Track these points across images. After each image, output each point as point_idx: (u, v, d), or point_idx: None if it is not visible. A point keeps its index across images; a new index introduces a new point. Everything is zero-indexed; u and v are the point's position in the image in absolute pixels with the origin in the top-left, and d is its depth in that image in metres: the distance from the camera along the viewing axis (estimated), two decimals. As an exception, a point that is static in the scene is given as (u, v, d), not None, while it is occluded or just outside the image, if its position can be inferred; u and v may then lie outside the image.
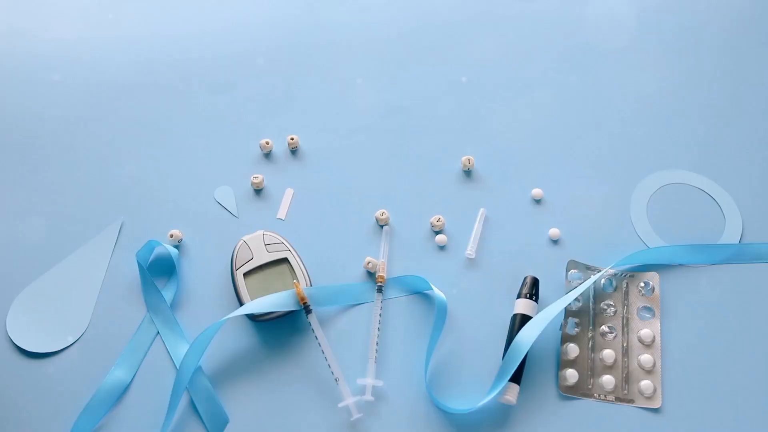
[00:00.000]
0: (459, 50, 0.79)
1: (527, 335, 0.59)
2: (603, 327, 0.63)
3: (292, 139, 0.72)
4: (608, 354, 0.61)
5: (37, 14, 0.82)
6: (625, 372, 0.61)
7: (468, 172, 0.71)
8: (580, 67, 0.77)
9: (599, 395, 0.60)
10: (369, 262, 0.65)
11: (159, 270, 0.65)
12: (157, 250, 0.66)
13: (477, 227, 0.67)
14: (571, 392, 0.60)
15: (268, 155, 0.72)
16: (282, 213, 0.69)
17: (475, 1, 0.82)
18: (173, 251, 0.65)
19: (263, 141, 0.71)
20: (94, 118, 0.74)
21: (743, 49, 0.79)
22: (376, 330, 0.62)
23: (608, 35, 0.79)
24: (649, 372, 0.61)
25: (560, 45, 0.79)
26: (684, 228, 0.68)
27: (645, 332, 0.62)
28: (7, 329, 0.63)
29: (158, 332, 0.62)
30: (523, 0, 0.82)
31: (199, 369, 0.60)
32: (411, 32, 0.80)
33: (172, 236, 0.66)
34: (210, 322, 0.61)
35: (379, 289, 0.64)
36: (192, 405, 0.59)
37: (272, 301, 0.61)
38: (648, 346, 0.62)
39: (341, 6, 0.82)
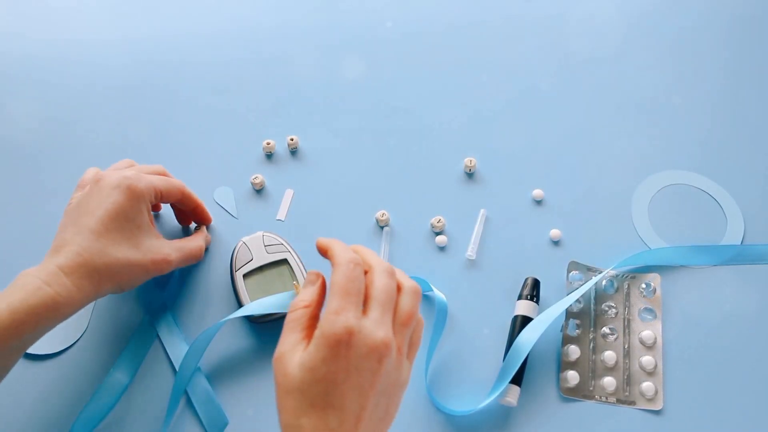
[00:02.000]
0: (461, 51, 0.78)
1: (528, 337, 0.59)
2: (604, 328, 0.62)
3: (292, 139, 0.72)
4: (609, 355, 0.61)
5: (37, 15, 0.82)
6: (627, 374, 0.61)
7: (470, 174, 0.70)
8: (581, 68, 0.77)
9: (600, 397, 0.60)
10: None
11: (158, 271, 0.65)
12: (157, 251, 0.66)
13: (477, 228, 0.67)
14: (572, 394, 0.60)
15: (270, 156, 0.72)
16: (282, 214, 0.68)
17: (477, 2, 0.82)
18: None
19: (265, 142, 0.71)
20: (93, 119, 0.74)
21: (746, 49, 0.78)
22: (376, 331, 0.62)
23: (609, 36, 0.79)
24: (650, 374, 0.61)
25: (561, 46, 0.79)
26: (685, 229, 0.67)
27: (646, 334, 0.62)
28: (7, 330, 0.63)
29: (157, 334, 0.62)
30: (525, 1, 0.82)
31: (198, 371, 0.60)
32: (412, 34, 0.80)
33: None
34: (209, 324, 0.61)
35: (380, 291, 0.63)
36: (191, 407, 0.59)
37: (272, 302, 0.60)
38: (649, 347, 0.62)
39: (342, 7, 0.82)
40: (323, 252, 0.52)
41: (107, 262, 0.53)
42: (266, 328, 0.63)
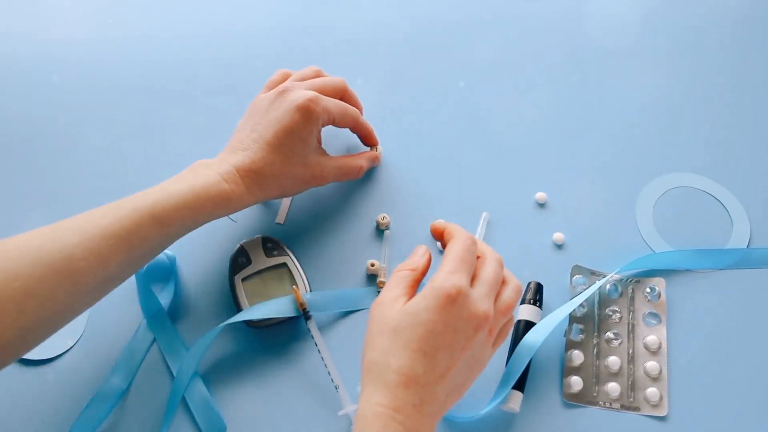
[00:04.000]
0: (461, 52, 0.78)
1: (531, 342, 0.58)
2: (608, 333, 0.62)
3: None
4: (613, 361, 0.60)
5: (37, 15, 0.82)
6: (631, 379, 0.60)
7: (471, 176, 0.70)
8: (584, 69, 0.77)
9: (604, 403, 0.59)
10: (373, 264, 0.64)
11: (156, 275, 0.64)
12: (155, 255, 0.65)
13: (480, 231, 0.66)
14: (576, 400, 0.59)
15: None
16: (281, 217, 0.68)
17: (477, 1, 0.81)
18: (170, 256, 0.64)
19: None
20: (92, 120, 0.74)
21: (750, 50, 0.78)
22: (377, 336, 0.61)
23: (612, 36, 0.79)
24: (655, 379, 0.60)
25: (564, 46, 0.78)
26: (690, 232, 0.67)
27: (651, 339, 0.61)
28: (2, 335, 0.62)
29: (155, 339, 0.61)
30: (526, 0, 0.81)
31: (196, 376, 0.59)
32: (412, 34, 0.79)
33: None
34: (207, 329, 0.60)
35: (380, 295, 0.63)
36: (189, 413, 0.59)
37: (271, 307, 0.60)
38: (654, 352, 0.61)
39: (341, 7, 0.81)
40: (438, 234, 0.55)
41: (276, 173, 0.59)
42: (265, 333, 0.62)
